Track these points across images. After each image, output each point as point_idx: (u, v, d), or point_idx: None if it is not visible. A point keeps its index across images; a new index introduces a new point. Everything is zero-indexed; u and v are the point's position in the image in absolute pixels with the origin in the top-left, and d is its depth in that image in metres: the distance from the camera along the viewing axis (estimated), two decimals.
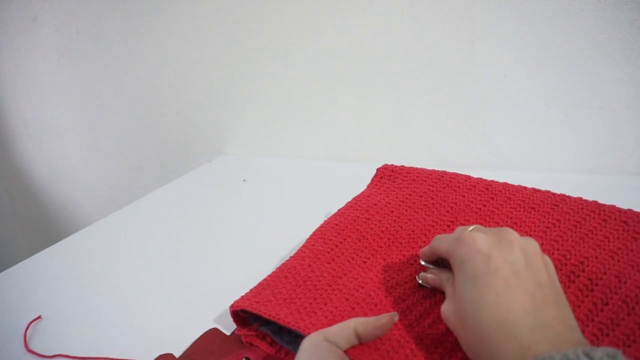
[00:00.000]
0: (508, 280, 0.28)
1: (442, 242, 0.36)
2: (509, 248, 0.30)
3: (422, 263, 0.40)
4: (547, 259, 0.32)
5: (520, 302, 0.27)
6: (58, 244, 0.68)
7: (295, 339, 0.39)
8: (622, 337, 0.33)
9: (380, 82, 0.80)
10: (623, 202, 0.45)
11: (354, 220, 0.51)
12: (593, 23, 0.63)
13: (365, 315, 0.37)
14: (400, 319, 0.36)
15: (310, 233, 0.52)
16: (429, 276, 0.38)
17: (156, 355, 0.41)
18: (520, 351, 0.25)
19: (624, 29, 0.62)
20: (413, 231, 0.48)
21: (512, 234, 0.32)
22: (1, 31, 1.18)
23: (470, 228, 0.35)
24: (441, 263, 0.39)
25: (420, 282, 0.39)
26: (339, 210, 0.56)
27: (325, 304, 0.39)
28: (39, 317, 0.49)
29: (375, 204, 0.54)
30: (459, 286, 0.31)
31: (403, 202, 0.53)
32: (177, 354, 0.42)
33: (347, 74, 0.83)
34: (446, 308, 0.32)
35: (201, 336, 0.43)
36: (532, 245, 0.31)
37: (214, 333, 0.44)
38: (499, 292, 0.28)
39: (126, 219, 0.75)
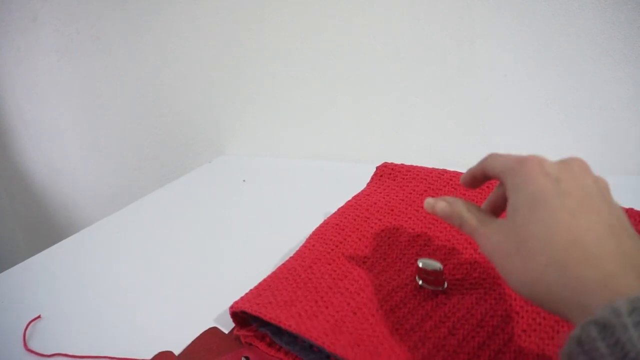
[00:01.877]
0: (582, 203, 0.24)
1: (498, 161, 0.31)
2: (582, 175, 0.26)
3: (420, 265, 0.39)
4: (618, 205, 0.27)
5: (598, 225, 0.23)
6: (58, 244, 0.68)
7: (294, 339, 0.39)
8: None
9: (380, 82, 0.80)
10: (623, 202, 0.45)
11: (354, 220, 0.51)
12: (593, 23, 0.63)
13: (367, 320, 0.37)
14: (401, 324, 0.36)
15: (310, 233, 0.52)
16: (440, 204, 0.32)
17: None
18: (603, 278, 0.21)
19: (624, 29, 0.62)
20: (413, 229, 0.48)
21: (584, 164, 0.28)
22: (1, 31, 1.18)
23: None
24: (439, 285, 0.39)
25: (420, 283, 0.39)
26: (339, 209, 0.56)
27: (327, 307, 0.38)
28: (39, 317, 0.49)
29: (375, 203, 0.54)
30: (517, 208, 0.26)
31: (403, 200, 0.53)
32: (176, 353, 0.42)
33: (347, 74, 0.83)
34: (487, 233, 0.28)
35: (200, 335, 0.43)
36: (605, 183, 0.28)
37: (212, 332, 0.44)
38: (574, 212, 0.24)
39: (126, 219, 0.75)
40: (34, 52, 1.16)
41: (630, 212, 0.43)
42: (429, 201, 0.34)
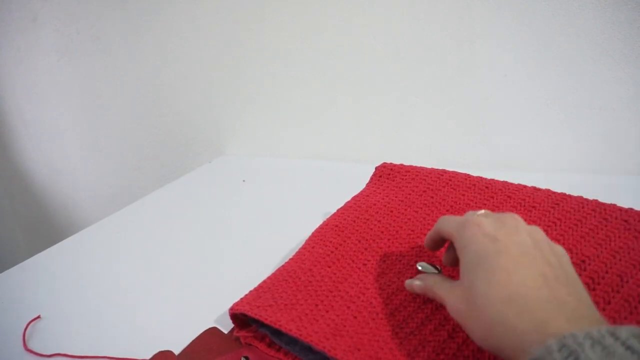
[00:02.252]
0: (517, 259, 0.27)
1: (447, 224, 0.34)
2: (516, 231, 0.30)
3: (419, 268, 0.39)
4: (559, 247, 0.31)
5: (532, 277, 0.26)
6: (58, 244, 0.68)
7: (294, 339, 0.39)
8: None
9: (380, 82, 0.80)
10: (623, 202, 0.45)
11: (354, 221, 0.51)
12: (593, 23, 0.63)
13: (367, 324, 0.37)
14: (401, 328, 0.36)
15: (310, 233, 0.52)
16: (416, 283, 0.37)
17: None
18: (536, 325, 0.24)
19: (624, 29, 0.62)
20: (413, 231, 0.48)
21: (517, 219, 0.31)
22: (1, 31, 1.18)
23: (479, 212, 0.34)
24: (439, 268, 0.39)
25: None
26: (338, 210, 0.56)
27: (327, 311, 0.38)
28: (38, 317, 0.49)
29: (374, 204, 0.54)
30: (465, 269, 0.30)
31: (402, 201, 0.53)
32: (176, 353, 0.42)
33: (347, 74, 0.83)
34: (450, 298, 0.31)
35: (200, 335, 0.43)
36: (539, 232, 0.31)
37: (212, 332, 0.44)
38: (509, 269, 0.27)
39: (126, 219, 0.75)
40: (34, 52, 1.16)
41: (630, 212, 0.43)
42: (407, 282, 0.38)
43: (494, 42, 0.70)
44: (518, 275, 0.26)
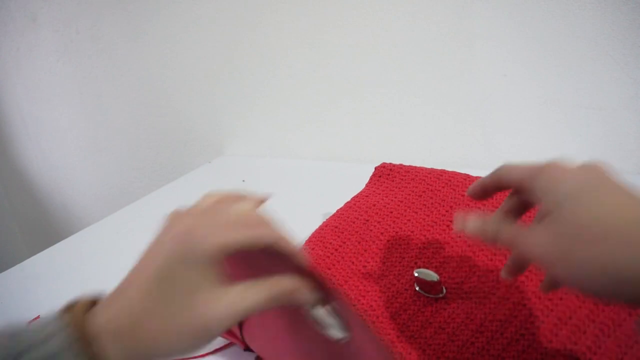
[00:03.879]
0: (618, 189, 0.24)
1: (514, 169, 0.29)
2: (602, 172, 0.26)
3: (416, 275, 0.39)
4: None
5: None
6: (57, 244, 0.68)
7: None
8: (624, 337, 0.33)
9: (380, 83, 0.80)
10: None
11: (353, 222, 0.51)
12: (592, 23, 0.63)
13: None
14: (402, 331, 0.36)
15: (309, 233, 0.52)
16: (472, 221, 0.30)
17: None
18: None
19: (623, 29, 0.62)
20: (412, 232, 0.48)
21: (602, 166, 0.27)
22: (1, 31, 1.18)
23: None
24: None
25: (417, 288, 0.39)
26: (338, 211, 0.55)
27: None
28: (38, 318, 0.49)
29: (374, 205, 0.54)
30: (559, 205, 0.24)
31: (402, 202, 0.53)
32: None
33: (347, 75, 0.82)
34: (538, 241, 0.25)
35: None
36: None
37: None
38: (621, 195, 0.23)
39: (126, 220, 0.75)
40: (33, 52, 1.16)
41: None
42: (457, 218, 0.31)
43: (494, 42, 0.70)
44: (633, 199, 0.23)
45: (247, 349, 0.39)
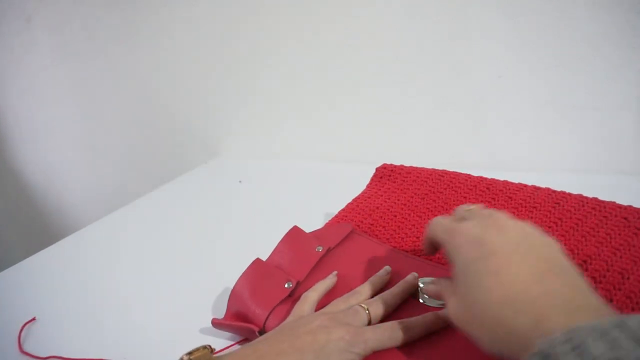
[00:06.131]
0: (507, 258, 0.27)
1: (436, 231, 0.34)
2: (503, 229, 0.29)
3: (421, 285, 0.39)
4: (550, 238, 0.30)
5: (523, 274, 0.26)
6: (53, 245, 0.67)
7: None
8: None
9: (380, 83, 0.80)
10: (621, 202, 0.45)
11: (357, 227, 0.51)
12: (588, 24, 0.64)
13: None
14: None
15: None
16: (430, 287, 0.36)
17: (154, 354, 0.41)
18: (534, 324, 0.23)
19: (619, 30, 0.62)
20: (418, 238, 0.48)
21: (504, 217, 0.30)
22: None
23: (469, 208, 0.34)
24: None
25: (421, 301, 0.39)
26: (340, 213, 0.55)
27: None
28: (34, 319, 0.48)
29: (377, 207, 0.53)
30: (459, 276, 0.29)
31: (405, 205, 0.53)
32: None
33: (343, 75, 0.82)
34: (452, 307, 0.30)
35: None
36: (525, 224, 0.30)
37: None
38: (499, 271, 0.26)
39: (122, 221, 0.74)
40: (28, 53, 1.15)
41: (629, 210, 0.43)
42: (421, 289, 0.38)
43: (492, 43, 0.70)
44: (509, 275, 0.26)
45: None
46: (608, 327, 0.20)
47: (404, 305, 0.39)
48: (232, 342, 0.41)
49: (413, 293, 0.39)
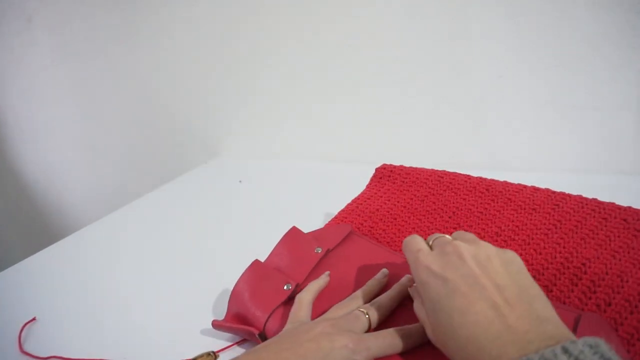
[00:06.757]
0: (467, 295, 0.28)
1: (408, 258, 0.35)
2: (461, 262, 0.30)
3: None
4: (510, 253, 0.31)
5: (483, 313, 0.27)
6: (53, 245, 0.67)
7: None
8: (626, 336, 0.33)
9: (379, 83, 0.80)
10: (620, 202, 0.45)
11: (358, 229, 0.51)
12: (588, 24, 0.64)
13: None
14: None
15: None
16: (415, 305, 0.36)
17: (154, 354, 0.41)
18: (494, 359, 0.26)
19: (620, 30, 0.62)
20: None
21: (459, 246, 0.32)
22: None
23: (436, 238, 0.35)
24: None
25: None
26: (339, 214, 0.55)
27: None
28: (34, 319, 0.48)
29: (377, 209, 0.53)
30: (429, 309, 0.31)
31: (405, 207, 0.53)
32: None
33: (343, 75, 0.82)
34: (427, 330, 0.32)
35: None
36: (483, 249, 0.31)
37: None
38: (463, 310, 0.28)
39: (122, 221, 0.74)
40: (28, 53, 1.15)
41: (629, 211, 0.43)
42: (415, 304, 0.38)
43: (492, 43, 0.70)
44: (472, 315, 0.28)
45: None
46: (555, 354, 0.23)
47: (400, 307, 0.39)
48: (232, 342, 0.41)
49: (408, 295, 0.39)
